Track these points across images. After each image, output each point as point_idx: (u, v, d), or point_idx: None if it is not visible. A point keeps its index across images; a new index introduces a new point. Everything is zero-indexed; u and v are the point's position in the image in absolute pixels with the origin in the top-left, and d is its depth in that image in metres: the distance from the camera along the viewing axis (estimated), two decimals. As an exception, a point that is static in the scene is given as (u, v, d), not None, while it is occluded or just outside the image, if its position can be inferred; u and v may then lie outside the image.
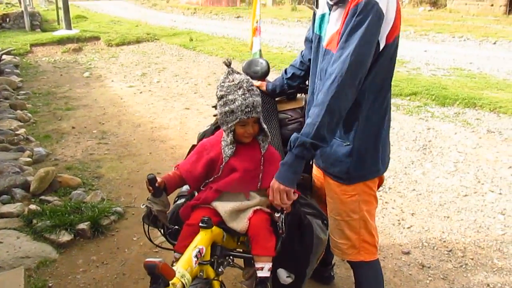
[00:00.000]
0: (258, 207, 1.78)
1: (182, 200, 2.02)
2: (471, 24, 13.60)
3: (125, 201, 3.61)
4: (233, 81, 1.75)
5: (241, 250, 1.88)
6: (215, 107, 2.25)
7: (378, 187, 1.90)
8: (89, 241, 3.07)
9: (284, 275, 1.83)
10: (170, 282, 1.22)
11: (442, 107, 5.98)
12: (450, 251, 2.96)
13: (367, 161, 1.77)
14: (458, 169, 4.15)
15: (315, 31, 1.84)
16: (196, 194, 1.93)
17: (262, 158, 1.82)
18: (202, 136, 2.19)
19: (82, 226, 3.08)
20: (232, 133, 1.79)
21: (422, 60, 8.97)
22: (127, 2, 26.98)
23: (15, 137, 4.78)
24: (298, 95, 2.25)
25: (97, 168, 4.26)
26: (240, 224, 1.73)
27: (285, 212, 1.65)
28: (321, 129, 1.54)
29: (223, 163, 1.79)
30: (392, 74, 1.74)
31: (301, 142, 1.55)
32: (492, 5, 15.85)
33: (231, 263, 1.74)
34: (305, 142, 1.55)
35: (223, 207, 1.76)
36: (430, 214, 3.41)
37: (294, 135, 1.60)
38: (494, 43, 10.92)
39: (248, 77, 1.80)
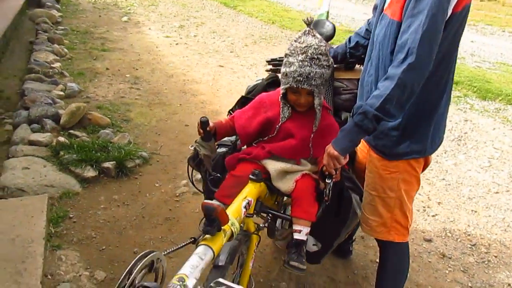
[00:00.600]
0: (306, 172, 1.74)
1: (223, 149, 1.98)
2: (525, 20, 12.92)
3: (151, 148, 3.61)
4: (302, 43, 1.65)
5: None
6: (268, 62, 2.20)
7: (424, 169, 1.78)
8: (112, 180, 3.09)
9: (311, 243, 1.81)
10: (222, 228, 1.21)
11: (483, 100, 5.74)
12: (474, 245, 2.87)
13: (415, 138, 1.66)
14: (492, 165, 4.00)
15: None
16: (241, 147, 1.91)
17: (314, 130, 1.75)
18: (252, 89, 2.12)
19: (107, 164, 3.10)
20: (283, 96, 1.73)
21: (467, 50, 8.58)
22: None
23: (50, 70, 4.80)
24: (357, 66, 2.12)
25: (127, 111, 4.26)
26: (286, 185, 1.70)
27: (334, 180, 1.60)
28: (388, 102, 1.44)
29: (280, 123, 1.75)
30: (456, 47, 1.59)
31: (363, 111, 1.47)
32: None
33: (269, 221, 1.72)
34: (367, 112, 1.46)
35: (273, 165, 1.73)
36: (457, 206, 3.31)
37: (359, 103, 1.51)
38: (547, 43, 10.35)
39: (322, 44, 1.66)
